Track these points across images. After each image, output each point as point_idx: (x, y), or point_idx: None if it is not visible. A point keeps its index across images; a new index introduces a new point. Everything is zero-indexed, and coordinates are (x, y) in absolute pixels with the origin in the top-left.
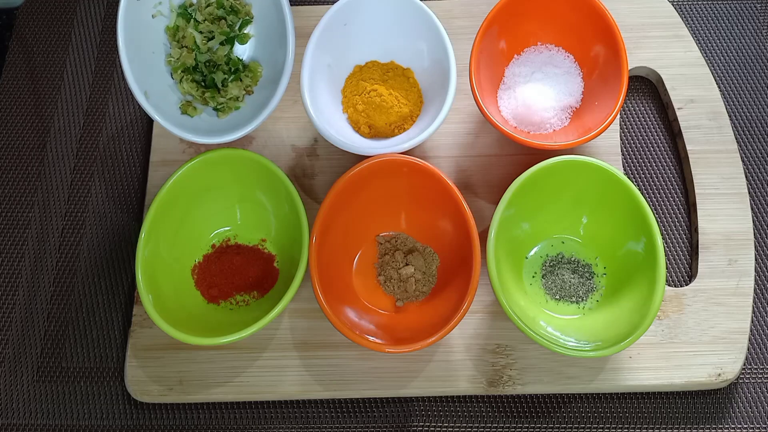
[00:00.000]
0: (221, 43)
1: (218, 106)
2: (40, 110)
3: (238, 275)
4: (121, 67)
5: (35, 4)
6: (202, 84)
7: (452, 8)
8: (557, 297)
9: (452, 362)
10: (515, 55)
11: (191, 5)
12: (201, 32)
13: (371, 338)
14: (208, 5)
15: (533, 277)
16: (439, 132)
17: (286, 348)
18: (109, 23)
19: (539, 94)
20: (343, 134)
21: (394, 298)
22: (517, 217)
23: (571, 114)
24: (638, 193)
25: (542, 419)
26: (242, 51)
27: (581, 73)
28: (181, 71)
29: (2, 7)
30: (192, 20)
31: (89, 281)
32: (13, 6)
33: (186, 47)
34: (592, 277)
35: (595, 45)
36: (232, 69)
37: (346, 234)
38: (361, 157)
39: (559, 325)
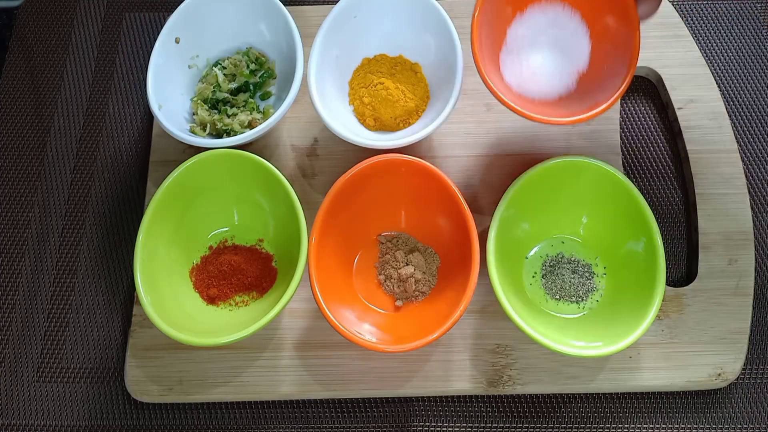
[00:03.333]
0: (242, 90)
1: (224, 128)
2: (40, 110)
3: (237, 275)
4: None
5: (35, 4)
6: (215, 108)
7: (452, 8)
8: (557, 297)
9: (452, 362)
10: (518, 14)
11: (225, 60)
12: (225, 74)
13: (370, 338)
14: (236, 54)
15: (533, 277)
16: (440, 132)
17: (286, 348)
18: (109, 23)
19: (544, 60)
20: (347, 126)
21: (394, 297)
22: (517, 217)
23: (578, 79)
24: (638, 193)
25: (542, 419)
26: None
27: (588, 33)
28: (200, 100)
29: (2, 7)
30: (219, 65)
31: (89, 281)
32: (13, 6)
33: (208, 83)
34: (592, 277)
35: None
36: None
37: (346, 234)
38: (363, 156)
39: (559, 325)
